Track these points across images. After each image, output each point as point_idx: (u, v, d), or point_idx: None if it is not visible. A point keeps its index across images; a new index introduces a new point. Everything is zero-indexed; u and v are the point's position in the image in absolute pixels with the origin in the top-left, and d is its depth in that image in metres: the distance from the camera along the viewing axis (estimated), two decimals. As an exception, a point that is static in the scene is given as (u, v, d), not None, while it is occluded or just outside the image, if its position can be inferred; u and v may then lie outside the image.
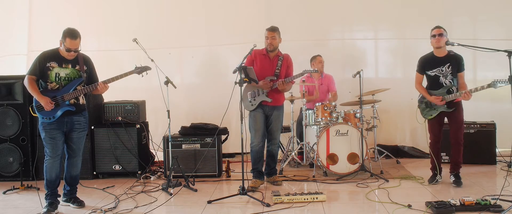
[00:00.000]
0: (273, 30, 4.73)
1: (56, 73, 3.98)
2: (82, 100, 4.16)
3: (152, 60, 4.77)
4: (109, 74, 5.91)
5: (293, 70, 4.90)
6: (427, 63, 4.60)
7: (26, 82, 3.98)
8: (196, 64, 6.83)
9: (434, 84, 4.58)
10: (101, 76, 5.90)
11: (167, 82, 4.78)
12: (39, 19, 6.70)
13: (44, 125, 4.01)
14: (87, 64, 4.16)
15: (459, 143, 4.55)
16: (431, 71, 4.56)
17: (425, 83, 4.73)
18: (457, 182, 4.56)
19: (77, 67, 4.06)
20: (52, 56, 3.99)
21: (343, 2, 6.63)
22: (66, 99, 3.99)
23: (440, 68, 4.50)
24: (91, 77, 4.18)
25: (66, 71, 4.02)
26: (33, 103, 4.01)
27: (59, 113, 3.99)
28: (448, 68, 4.47)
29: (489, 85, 4.15)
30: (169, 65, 6.49)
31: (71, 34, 3.92)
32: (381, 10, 6.60)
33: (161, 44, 6.53)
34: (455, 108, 4.50)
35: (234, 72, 4.43)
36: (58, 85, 4.01)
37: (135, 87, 6.61)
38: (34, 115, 4.05)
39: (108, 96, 5.74)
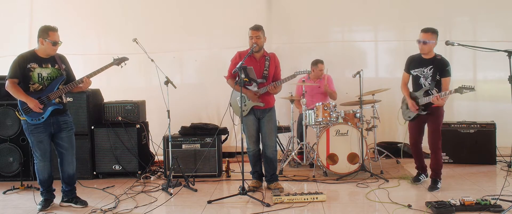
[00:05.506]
0: (257, 29, 4.46)
1: (38, 74, 3.99)
2: (65, 99, 4.17)
3: (152, 60, 4.79)
4: (112, 76, 5.93)
5: (280, 69, 4.72)
6: (412, 63, 4.58)
7: (8, 86, 3.95)
8: (197, 65, 6.86)
9: (415, 84, 4.58)
10: (104, 79, 5.90)
11: (167, 82, 4.78)
12: (40, 20, 6.65)
13: (31, 129, 4.00)
14: (64, 62, 4.17)
15: (434, 149, 4.48)
16: (414, 70, 4.54)
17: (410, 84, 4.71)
18: (431, 187, 4.46)
19: (56, 66, 4.07)
20: (30, 58, 3.99)
21: (343, 3, 6.64)
22: (52, 98, 3.99)
23: (422, 69, 4.46)
24: (69, 76, 4.19)
25: (47, 71, 4.03)
26: (19, 106, 3.99)
27: (47, 113, 3.99)
28: (430, 70, 4.41)
29: (456, 91, 4.10)
30: (170, 66, 6.52)
31: (53, 28, 3.98)
32: (381, 10, 6.61)
33: (164, 47, 6.55)
34: (429, 111, 4.43)
35: (234, 72, 4.41)
36: (41, 86, 4.01)
37: (135, 87, 6.64)
38: (21, 118, 4.02)
39: (108, 96, 5.76)
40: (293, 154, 5.78)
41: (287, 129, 6.05)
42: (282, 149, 6.21)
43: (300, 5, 6.67)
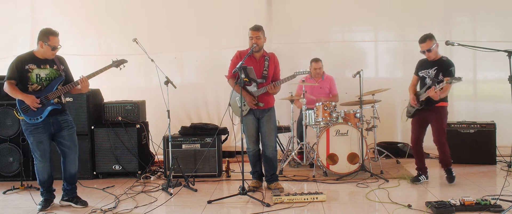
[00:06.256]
0: (257, 29, 4.46)
1: (36, 74, 3.99)
2: (63, 99, 4.17)
3: (152, 60, 4.79)
4: (112, 76, 5.91)
5: (280, 69, 4.71)
6: (421, 65, 4.77)
7: (6, 87, 3.96)
8: (197, 65, 6.86)
9: (421, 84, 4.76)
10: (104, 79, 5.86)
11: (167, 82, 4.78)
12: (41, 21, 6.69)
13: (30, 129, 4.00)
14: (63, 63, 4.17)
15: (440, 145, 4.66)
16: (420, 72, 4.74)
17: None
18: (449, 177, 4.67)
19: (55, 67, 4.08)
20: (29, 59, 4.00)
21: (343, 3, 6.64)
22: (50, 98, 3.99)
23: (428, 70, 4.64)
24: (67, 77, 4.19)
25: (45, 71, 4.03)
26: (17, 106, 3.99)
27: (46, 112, 3.99)
28: (434, 71, 4.57)
29: (447, 82, 4.27)
30: (170, 66, 6.52)
31: (54, 32, 3.97)
32: (381, 10, 6.61)
33: (164, 47, 6.55)
34: (431, 108, 4.58)
35: (234, 72, 4.41)
36: (39, 86, 4.01)
37: (135, 87, 6.63)
38: (19, 117, 4.02)
39: (108, 96, 5.76)
40: (293, 154, 5.78)
41: (287, 129, 6.05)
42: (282, 149, 6.22)
43: (300, 5, 6.67)
